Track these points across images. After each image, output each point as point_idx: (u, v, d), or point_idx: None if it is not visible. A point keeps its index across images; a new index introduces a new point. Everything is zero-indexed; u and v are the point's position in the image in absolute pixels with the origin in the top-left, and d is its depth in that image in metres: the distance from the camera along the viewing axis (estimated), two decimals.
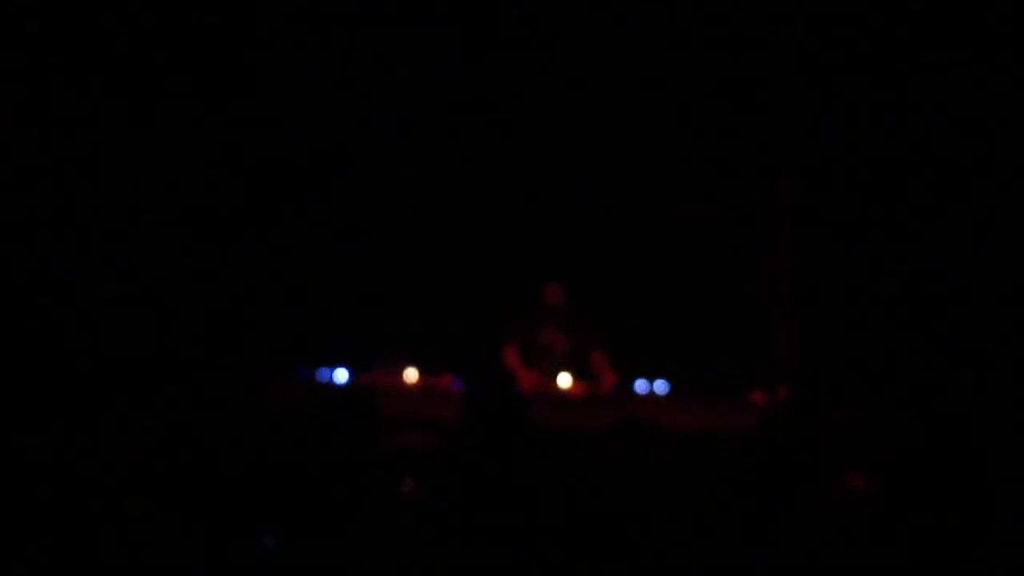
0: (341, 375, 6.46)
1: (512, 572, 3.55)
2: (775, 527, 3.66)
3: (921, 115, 6.82)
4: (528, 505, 3.78)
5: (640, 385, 6.71)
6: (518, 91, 7.44)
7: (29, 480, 3.77)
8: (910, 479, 3.83)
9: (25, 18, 6.59)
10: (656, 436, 4.27)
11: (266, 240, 7.32)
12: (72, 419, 4.55)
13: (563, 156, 7.50)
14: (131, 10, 6.79)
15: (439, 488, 4.00)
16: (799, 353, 7.09)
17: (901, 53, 6.81)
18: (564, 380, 6.52)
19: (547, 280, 7.01)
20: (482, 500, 3.84)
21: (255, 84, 7.21)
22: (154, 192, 6.96)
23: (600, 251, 7.53)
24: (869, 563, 3.50)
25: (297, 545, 3.67)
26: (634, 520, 3.67)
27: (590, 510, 3.70)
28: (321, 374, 6.52)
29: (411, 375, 6.50)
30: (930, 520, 3.52)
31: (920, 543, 3.49)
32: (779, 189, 7.42)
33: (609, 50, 7.28)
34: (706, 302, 7.47)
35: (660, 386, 6.71)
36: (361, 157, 7.51)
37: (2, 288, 6.33)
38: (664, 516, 3.67)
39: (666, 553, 3.54)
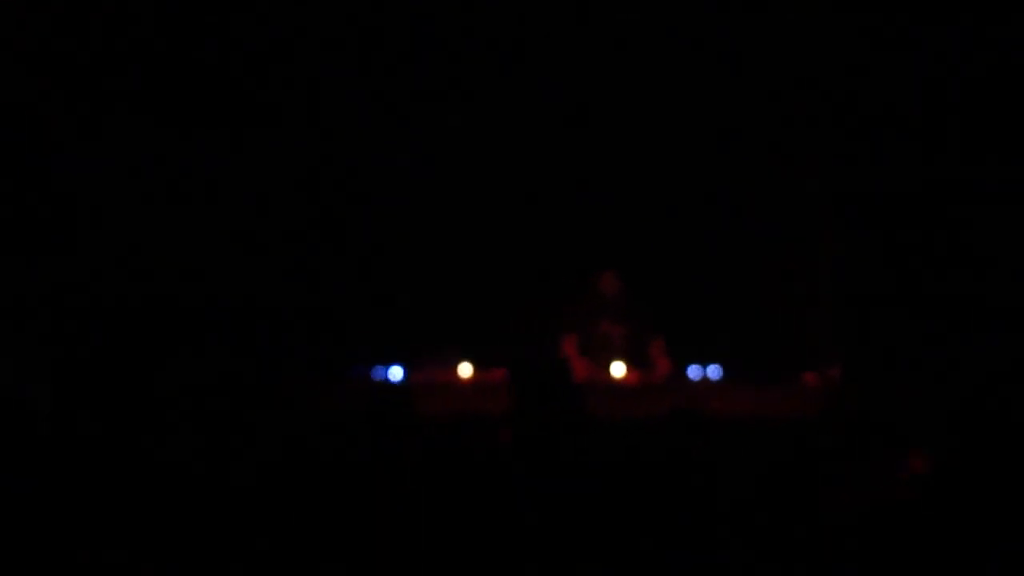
0: (396, 373, 6.50)
1: (565, 557, 3.57)
2: (832, 511, 3.67)
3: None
4: (580, 494, 3.80)
5: (693, 371, 6.71)
6: (568, 79, 7.44)
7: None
8: (969, 456, 3.83)
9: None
10: (709, 424, 4.29)
11: (318, 239, 7.38)
12: (131, 420, 4.61)
13: (614, 143, 7.51)
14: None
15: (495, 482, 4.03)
16: (850, 332, 7.06)
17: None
18: (618, 369, 6.53)
19: (602, 269, 7.02)
20: (532, 490, 3.87)
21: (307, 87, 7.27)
22: (206, 193, 7.05)
23: (650, 237, 7.53)
24: (927, 541, 3.50)
25: (351, 542, 3.71)
26: (686, 507, 3.69)
27: (642, 498, 3.72)
28: (376, 372, 6.56)
29: (465, 370, 6.54)
30: (988, 498, 3.52)
31: (977, 521, 3.49)
32: (827, 170, 7.40)
33: (660, 35, 7.28)
34: (756, 285, 7.45)
35: (713, 371, 6.70)
36: (410, 151, 7.54)
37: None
38: (715, 503, 3.68)
39: (721, 539, 3.55)
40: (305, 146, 7.31)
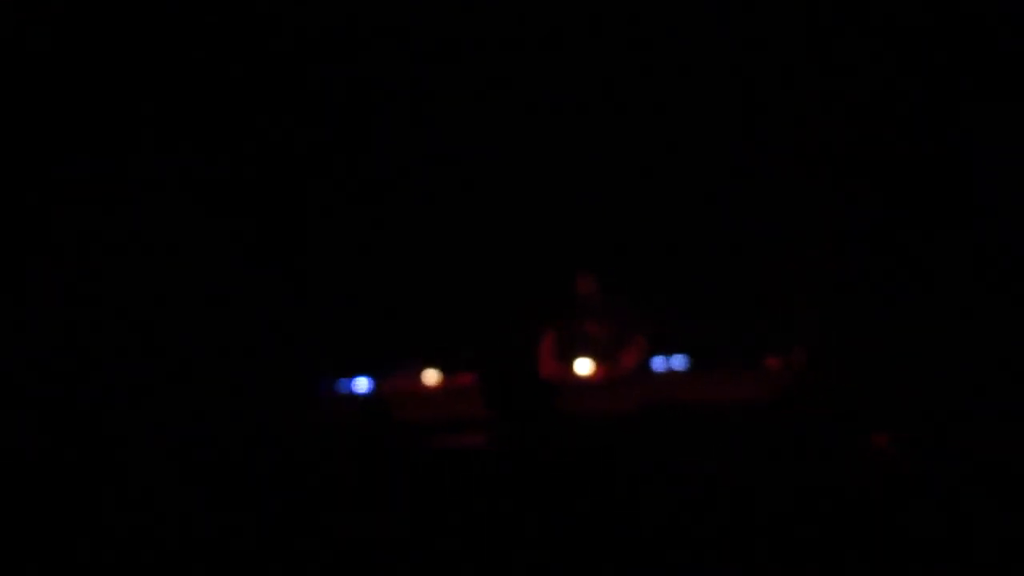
0: (362, 384, 6.51)
1: (545, 557, 3.61)
2: (799, 491, 3.71)
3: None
4: (557, 491, 3.83)
5: (658, 362, 6.74)
6: (541, 79, 7.45)
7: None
8: (934, 437, 3.89)
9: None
10: (677, 413, 4.33)
11: (278, 252, 7.34)
12: (90, 434, 4.61)
13: (573, 137, 7.52)
14: None
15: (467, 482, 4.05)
16: (813, 315, 7.10)
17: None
18: (583, 366, 6.57)
19: (578, 270, 7.03)
20: (512, 488, 3.90)
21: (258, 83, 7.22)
22: (155, 206, 7.01)
23: (611, 229, 7.54)
24: (894, 522, 3.55)
25: (329, 552, 3.73)
26: (659, 498, 3.73)
27: (615, 494, 3.76)
28: (342, 385, 6.56)
29: (431, 377, 6.55)
30: (955, 479, 3.57)
31: (944, 502, 3.53)
32: (792, 154, 7.44)
33: (618, 32, 7.30)
34: (716, 273, 7.49)
35: (678, 361, 6.74)
36: (377, 152, 7.52)
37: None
38: (685, 491, 3.72)
39: (690, 528, 3.59)
40: (260, 153, 7.27)
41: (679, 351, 6.83)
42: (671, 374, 6.69)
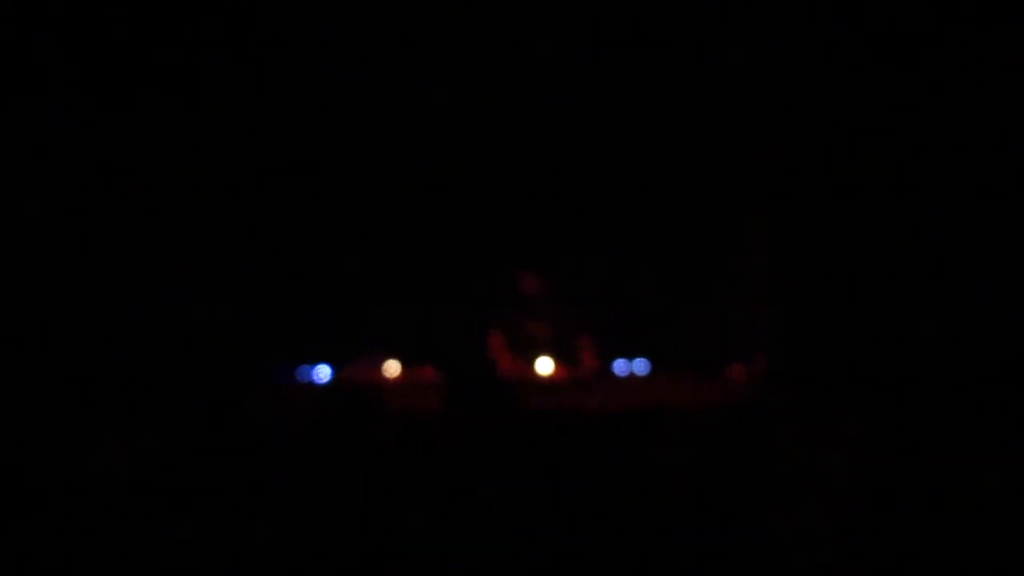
0: (323, 372, 6.48)
1: (510, 555, 3.60)
2: (751, 500, 3.73)
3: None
4: (519, 487, 3.83)
5: (619, 365, 6.75)
6: (495, 78, 7.44)
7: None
8: (890, 452, 3.91)
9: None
10: (637, 417, 4.34)
11: (239, 237, 7.31)
12: (65, 428, 4.57)
13: (536, 140, 7.52)
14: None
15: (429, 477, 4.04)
16: (777, 324, 7.13)
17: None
18: (544, 365, 6.56)
19: (521, 270, 7.04)
20: (471, 486, 3.89)
21: (239, 80, 7.19)
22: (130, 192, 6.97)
23: (575, 230, 7.55)
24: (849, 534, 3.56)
25: (301, 540, 3.71)
26: (622, 498, 3.73)
27: (581, 490, 3.76)
28: (302, 373, 6.53)
29: (392, 368, 6.53)
30: (908, 489, 3.59)
31: (897, 514, 3.55)
32: (753, 163, 7.47)
33: (577, 36, 7.31)
34: (681, 277, 7.50)
35: (639, 365, 6.75)
36: (336, 151, 7.51)
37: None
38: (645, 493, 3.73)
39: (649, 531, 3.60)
40: (224, 142, 7.24)
41: (638, 355, 6.83)
42: (632, 377, 6.69)
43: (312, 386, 6.40)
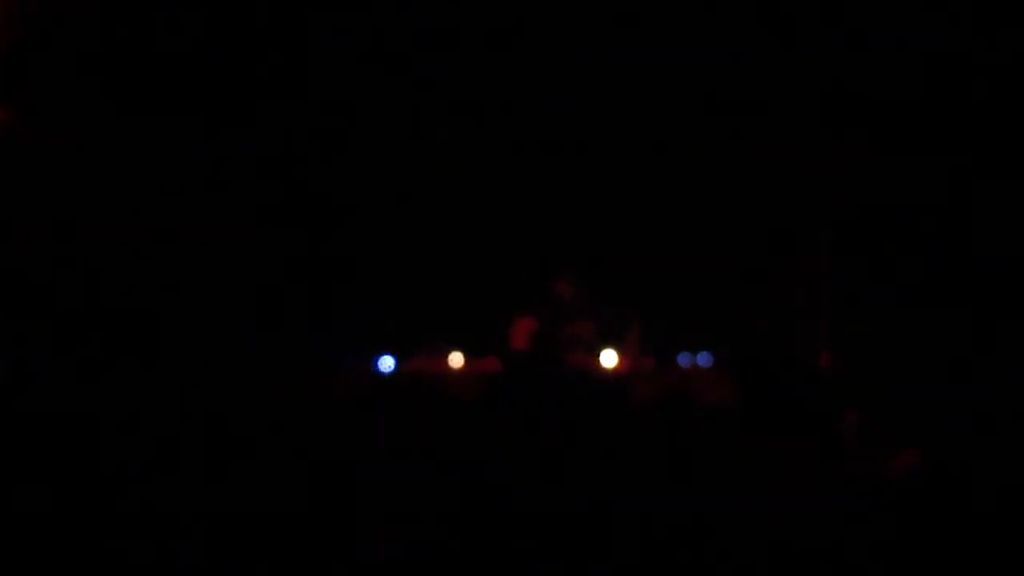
0: (387, 363, 6.53)
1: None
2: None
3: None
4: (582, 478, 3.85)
5: (683, 358, 6.75)
6: (536, 89, 7.45)
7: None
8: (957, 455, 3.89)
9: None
10: (699, 408, 4.34)
11: (311, 232, 7.40)
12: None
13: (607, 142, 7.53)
14: None
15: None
16: (840, 322, 7.09)
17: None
18: (609, 358, 6.56)
19: (557, 274, 6.99)
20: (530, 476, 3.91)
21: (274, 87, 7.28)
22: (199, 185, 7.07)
23: (647, 230, 7.55)
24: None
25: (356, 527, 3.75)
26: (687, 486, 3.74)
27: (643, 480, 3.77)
28: (368, 362, 6.59)
29: (456, 359, 6.57)
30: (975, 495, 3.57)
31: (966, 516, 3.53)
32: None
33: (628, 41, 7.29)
34: (748, 274, 7.48)
35: (703, 358, 6.75)
36: (397, 154, 7.57)
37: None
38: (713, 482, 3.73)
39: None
40: (294, 143, 7.33)
41: (705, 349, 6.83)
42: (696, 369, 6.69)
43: (377, 374, 6.46)
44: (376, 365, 6.56)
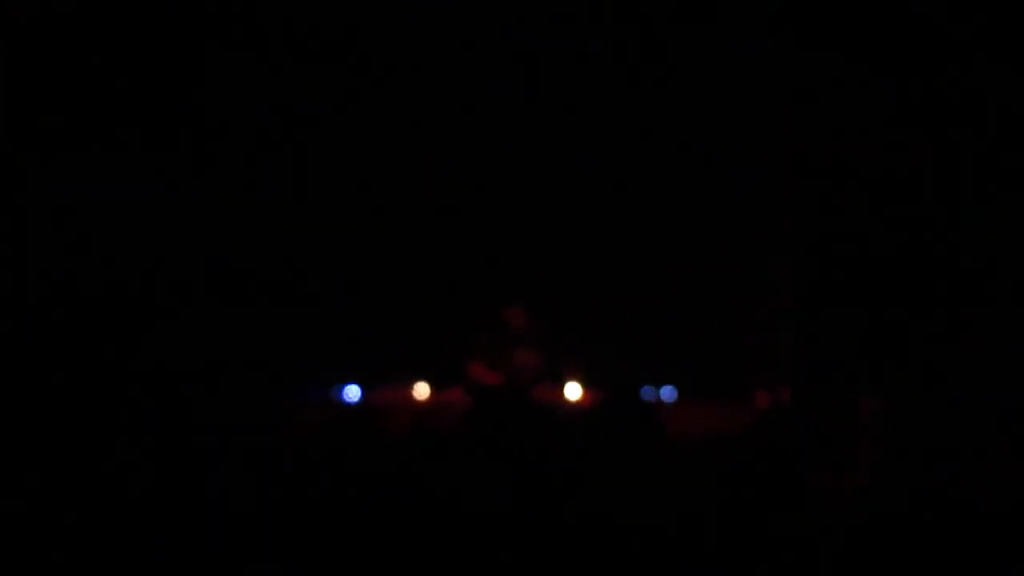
0: (353, 393, 6.54)
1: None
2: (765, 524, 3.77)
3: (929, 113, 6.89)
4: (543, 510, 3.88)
5: (646, 392, 6.78)
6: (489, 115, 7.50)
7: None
8: (909, 477, 3.94)
9: None
10: (665, 442, 4.38)
11: (274, 262, 7.40)
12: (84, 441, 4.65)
13: (555, 163, 7.57)
14: None
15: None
16: (802, 352, 7.15)
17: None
18: (573, 391, 6.60)
19: (509, 303, 7.00)
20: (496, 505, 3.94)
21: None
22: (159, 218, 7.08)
23: (601, 258, 7.58)
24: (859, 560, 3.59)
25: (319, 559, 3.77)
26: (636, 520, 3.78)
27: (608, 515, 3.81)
28: (334, 393, 6.60)
29: (422, 390, 6.60)
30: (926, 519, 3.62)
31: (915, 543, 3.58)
32: (780, 190, 7.49)
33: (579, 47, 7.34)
34: (707, 306, 7.53)
35: (667, 392, 6.78)
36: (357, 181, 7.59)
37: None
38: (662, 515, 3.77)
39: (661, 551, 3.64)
40: (253, 170, 7.33)
41: (668, 383, 6.87)
42: (659, 404, 6.72)
43: (342, 405, 6.48)
44: (342, 395, 6.58)
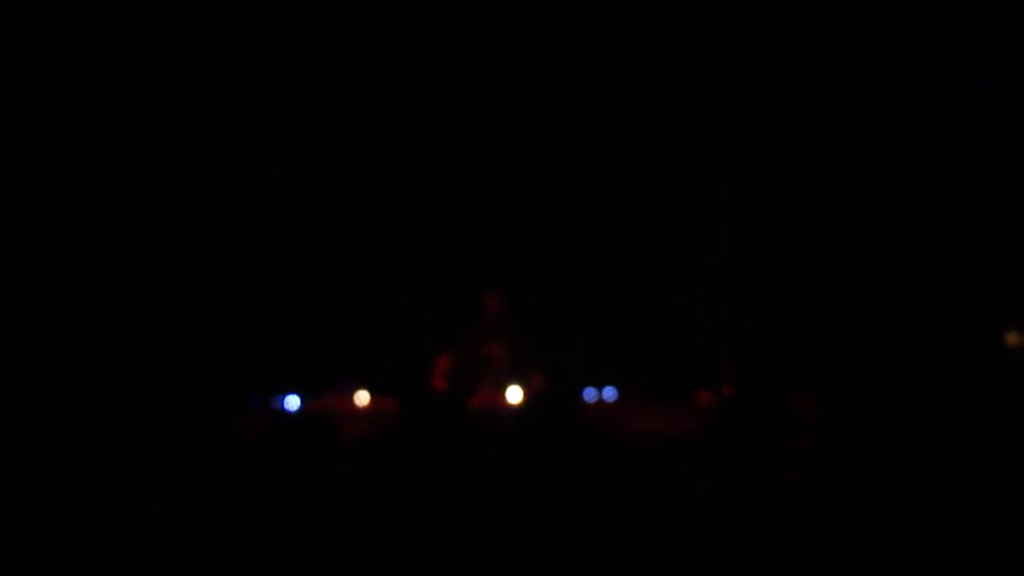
0: (293, 402, 6.49)
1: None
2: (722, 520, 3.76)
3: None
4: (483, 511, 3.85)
5: (589, 393, 6.77)
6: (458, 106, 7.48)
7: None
8: (851, 475, 3.94)
9: None
10: (607, 442, 4.36)
11: (216, 269, 7.35)
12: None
13: (501, 163, 7.56)
14: None
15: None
16: (743, 351, 7.18)
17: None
18: (514, 394, 6.57)
19: (487, 289, 7.05)
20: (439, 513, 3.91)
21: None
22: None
23: (540, 260, 7.58)
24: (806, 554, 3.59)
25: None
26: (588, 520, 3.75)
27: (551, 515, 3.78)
28: (273, 402, 6.54)
29: (363, 398, 6.55)
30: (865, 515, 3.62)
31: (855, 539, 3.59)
32: (716, 188, 7.52)
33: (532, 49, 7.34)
34: (648, 306, 7.55)
35: (608, 393, 6.77)
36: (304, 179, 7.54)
37: None
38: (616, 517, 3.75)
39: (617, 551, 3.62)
40: (188, 174, 7.28)
41: (609, 384, 6.86)
42: (601, 405, 6.72)
43: (281, 413, 6.41)
44: (282, 404, 6.52)
